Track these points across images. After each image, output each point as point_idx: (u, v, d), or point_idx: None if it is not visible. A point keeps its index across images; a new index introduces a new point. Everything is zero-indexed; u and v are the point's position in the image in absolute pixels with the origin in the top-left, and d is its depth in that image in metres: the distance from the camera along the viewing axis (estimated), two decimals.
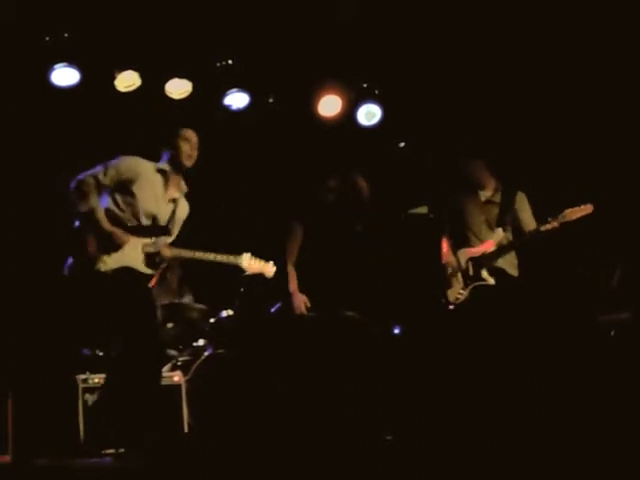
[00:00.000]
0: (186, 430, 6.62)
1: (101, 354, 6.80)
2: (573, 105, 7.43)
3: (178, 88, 7.80)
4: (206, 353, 7.25)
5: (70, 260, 5.49)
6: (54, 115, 7.57)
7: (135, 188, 5.49)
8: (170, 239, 5.72)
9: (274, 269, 6.00)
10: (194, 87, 7.79)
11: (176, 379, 6.78)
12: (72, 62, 7.35)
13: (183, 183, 5.78)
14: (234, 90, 7.97)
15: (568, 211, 6.31)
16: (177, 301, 7.83)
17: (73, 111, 7.57)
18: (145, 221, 5.55)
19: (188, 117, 7.98)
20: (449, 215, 6.75)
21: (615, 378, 5.94)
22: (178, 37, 7.43)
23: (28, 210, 7.36)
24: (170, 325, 7.68)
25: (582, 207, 6.30)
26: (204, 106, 8.02)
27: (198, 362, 7.12)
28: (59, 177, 5.70)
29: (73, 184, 5.44)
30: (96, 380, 6.41)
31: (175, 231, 5.74)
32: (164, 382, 6.70)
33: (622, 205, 7.12)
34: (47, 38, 7.24)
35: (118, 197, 5.49)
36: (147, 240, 5.56)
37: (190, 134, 5.77)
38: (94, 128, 7.65)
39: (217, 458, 5.72)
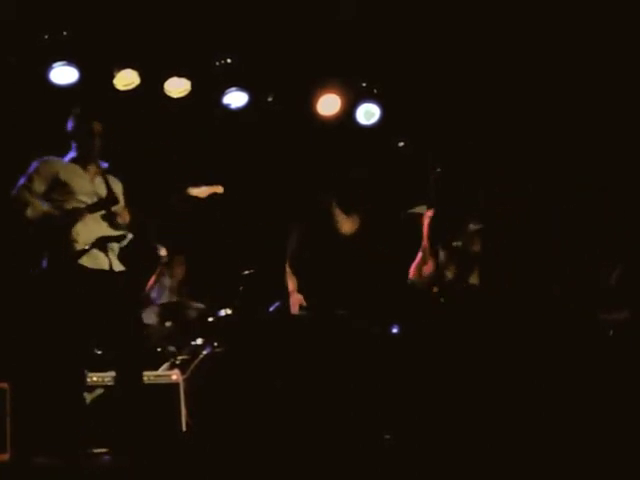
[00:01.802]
0: (184, 429, 6.61)
1: (99, 352, 6.79)
2: (574, 104, 7.43)
3: (177, 87, 7.79)
4: (204, 352, 7.24)
5: (45, 260, 5.54)
6: (53, 114, 7.55)
7: (64, 178, 5.56)
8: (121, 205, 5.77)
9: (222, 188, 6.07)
10: (193, 86, 7.78)
11: (174, 378, 6.77)
12: (71, 60, 7.36)
13: (99, 162, 5.79)
14: (233, 89, 7.97)
15: (466, 231, 6.47)
16: (175, 300, 7.84)
17: (72, 110, 7.55)
18: (90, 200, 5.60)
19: (187, 116, 8.01)
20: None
21: (614, 377, 5.95)
22: (177, 36, 7.43)
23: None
24: (168, 324, 7.69)
25: (474, 226, 6.48)
26: (203, 105, 8.03)
27: (196, 361, 7.11)
28: None
29: (12, 200, 5.52)
30: (94, 379, 6.40)
31: (121, 200, 5.77)
32: (162, 381, 6.71)
33: (622, 205, 7.13)
34: (46, 36, 7.24)
35: (55, 195, 5.55)
36: (102, 212, 5.63)
37: (98, 126, 5.77)
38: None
39: (215, 457, 5.72)
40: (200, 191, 5.96)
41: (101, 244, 5.54)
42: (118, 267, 5.63)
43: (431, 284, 6.58)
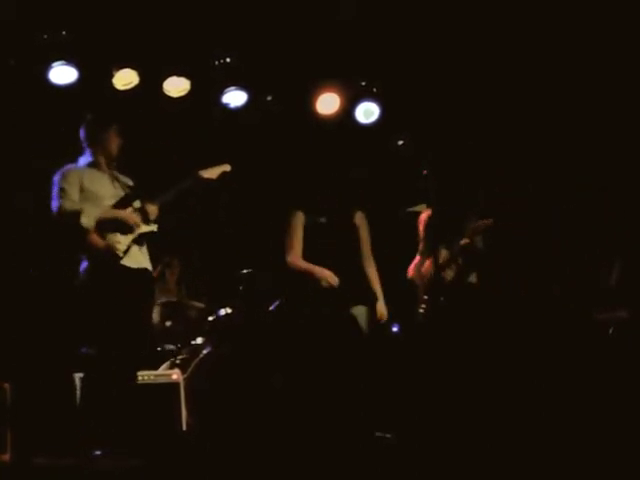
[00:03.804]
0: (185, 428, 6.62)
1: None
2: (573, 104, 7.42)
3: (176, 86, 7.79)
4: (204, 351, 7.25)
5: (84, 265, 5.61)
6: (52, 113, 7.56)
7: (87, 185, 5.66)
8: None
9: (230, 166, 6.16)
10: (192, 85, 7.78)
11: (174, 377, 6.77)
12: (70, 60, 7.35)
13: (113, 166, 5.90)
14: (232, 88, 7.97)
15: (473, 226, 6.43)
16: (175, 299, 7.85)
17: (71, 109, 7.55)
18: (113, 201, 5.72)
19: (186, 115, 8.00)
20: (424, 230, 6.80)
21: (614, 376, 5.96)
22: (176, 35, 7.43)
23: (28, 209, 7.36)
24: (169, 323, 7.70)
25: (485, 221, 6.40)
26: (202, 104, 8.03)
27: (196, 360, 7.12)
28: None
29: (59, 218, 5.57)
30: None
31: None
32: (162, 380, 6.71)
33: (622, 205, 7.12)
34: (45, 36, 7.23)
35: (84, 202, 5.63)
36: (131, 209, 5.77)
37: (116, 129, 5.85)
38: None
39: (216, 456, 5.72)
40: (211, 172, 6.03)
41: (139, 242, 5.66)
42: (149, 265, 5.73)
43: (430, 284, 6.57)
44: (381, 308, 6.34)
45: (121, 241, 5.59)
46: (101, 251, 5.53)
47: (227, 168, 6.17)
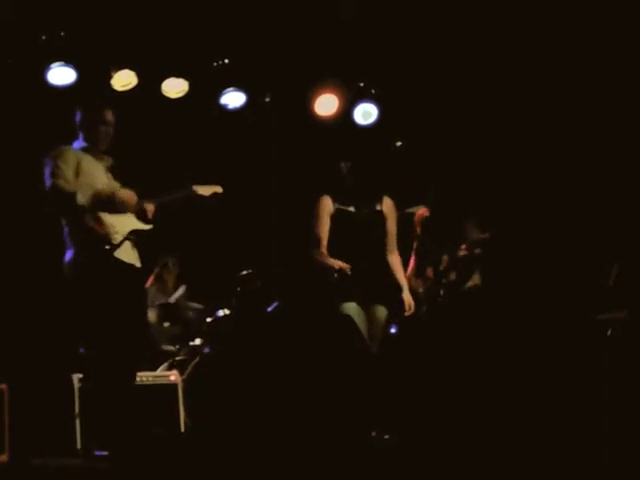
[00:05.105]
0: (183, 429, 6.62)
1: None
2: (572, 103, 7.43)
3: (174, 87, 7.81)
4: (203, 352, 7.25)
5: (71, 254, 5.49)
6: (50, 114, 7.56)
7: (84, 166, 5.47)
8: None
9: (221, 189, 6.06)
10: (190, 86, 7.80)
11: (173, 378, 6.77)
12: (69, 61, 7.37)
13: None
14: (230, 89, 7.98)
15: (470, 240, 6.45)
16: (173, 301, 7.85)
17: (69, 110, 7.56)
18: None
19: (184, 116, 8.02)
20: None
21: (612, 377, 5.96)
22: (175, 36, 7.45)
23: (26, 208, 7.35)
24: (167, 324, 7.70)
25: (483, 236, 6.41)
26: (200, 105, 8.04)
27: (195, 361, 7.12)
28: None
29: (53, 196, 5.40)
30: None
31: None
32: (160, 381, 6.72)
33: (622, 205, 7.13)
34: (43, 37, 7.24)
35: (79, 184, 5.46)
36: None
37: (109, 114, 5.72)
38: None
39: (214, 457, 5.72)
40: (204, 190, 5.98)
41: (134, 238, 5.55)
42: (139, 264, 5.63)
43: (431, 286, 6.58)
44: (407, 298, 6.22)
45: (119, 231, 5.47)
46: (97, 235, 5.38)
47: (219, 190, 6.09)
